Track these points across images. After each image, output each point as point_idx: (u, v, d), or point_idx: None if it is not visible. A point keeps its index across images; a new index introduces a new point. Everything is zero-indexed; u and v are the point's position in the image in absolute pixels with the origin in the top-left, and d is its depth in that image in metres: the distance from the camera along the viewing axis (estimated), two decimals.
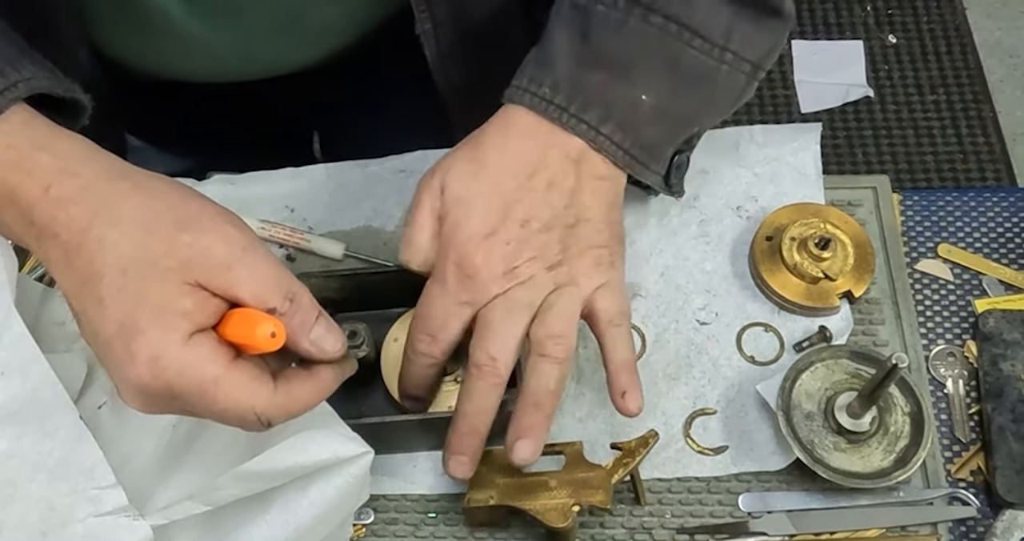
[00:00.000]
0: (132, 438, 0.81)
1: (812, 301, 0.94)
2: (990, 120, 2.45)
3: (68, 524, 0.71)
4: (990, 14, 2.61)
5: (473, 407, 0.79)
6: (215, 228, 0.66)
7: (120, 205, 0.65)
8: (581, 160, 0.81)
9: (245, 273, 0.64)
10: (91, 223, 0.64)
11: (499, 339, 0.78)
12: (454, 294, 0.79)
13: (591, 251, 0.81)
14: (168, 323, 0.62)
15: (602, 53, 0.81)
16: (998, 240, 1.00)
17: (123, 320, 0.62)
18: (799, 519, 0.87)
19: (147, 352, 0.61)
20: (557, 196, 0.80)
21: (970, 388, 0.93)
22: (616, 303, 0.82)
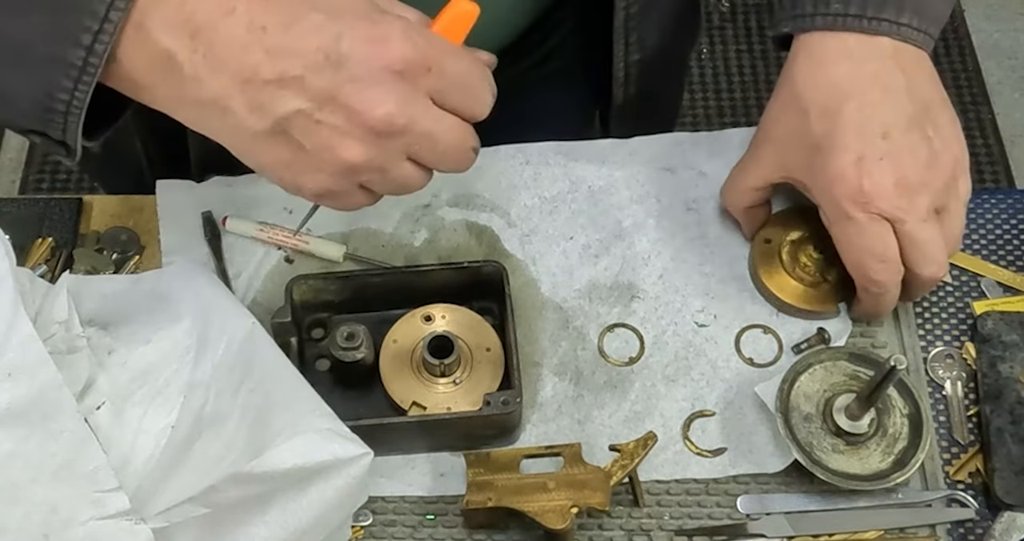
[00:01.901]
0: (130, 440, 0.81)
1: (811, 304, 0.94)
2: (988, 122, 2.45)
3: (70, 527, 0.71)
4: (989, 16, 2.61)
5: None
6: None
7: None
8: (896, 56, 0.84)
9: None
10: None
11: (932, 248, 0.84)
12: (869, 222, 0.83)
13: (953, 133, 0.86)
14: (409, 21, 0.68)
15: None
16: (996, 242, 1.00)
17: (362, 29, 0.65)
18: (797, 521, 0.87)
19: (399, 31, 0.66)
20: (896, 97, 0.84)
21: (968, 390, 0.93)
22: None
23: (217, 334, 0.83)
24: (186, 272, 0.89)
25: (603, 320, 0.95)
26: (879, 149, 0.83)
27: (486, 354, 0.89)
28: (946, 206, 0.86)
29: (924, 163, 0.84)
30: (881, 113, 0.83)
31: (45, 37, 0.65)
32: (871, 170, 0.82)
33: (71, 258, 0.98)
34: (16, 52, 0.66)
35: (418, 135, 0.68)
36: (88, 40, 0.65)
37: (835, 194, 0.84)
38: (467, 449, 0.87)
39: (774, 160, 0.89)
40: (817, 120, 0.85)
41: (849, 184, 0.83)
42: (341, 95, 0.66)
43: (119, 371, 0.84)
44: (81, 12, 0.64)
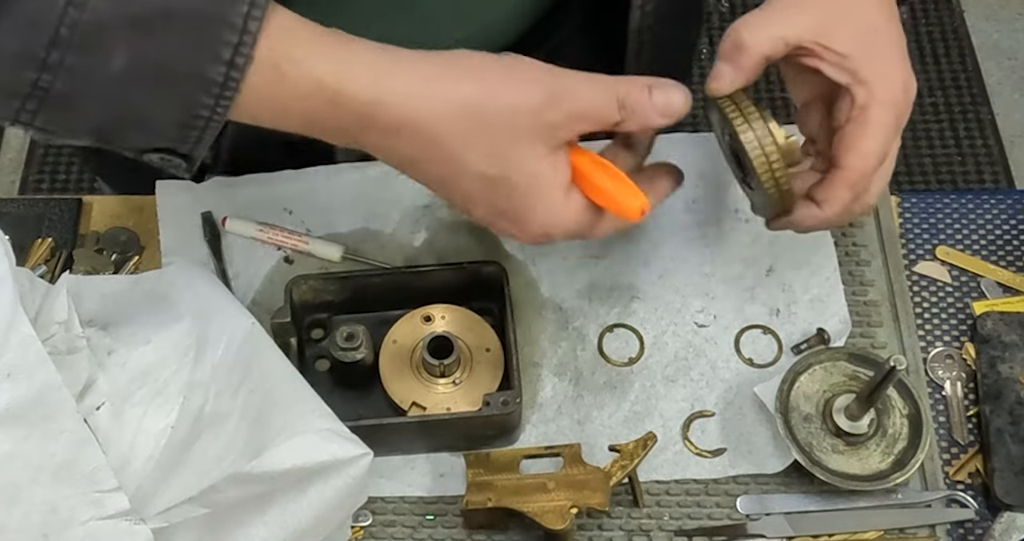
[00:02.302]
0: (130, 440, 0.81)
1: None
2: (988, 122, 2.45)
3: (70, 527, 0.71)
4: (988, 16, 2.61)
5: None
6: (532, 95, 0.70)
7: (446, 120, 0.69)
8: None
9: (576, 119, 0.71)
10: (430, 145, 0.69)
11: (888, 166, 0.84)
12: (896, 133, 0.83)
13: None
14: (548, 197, 0.72)
15: None
16: (996, 242, 1.00)
17: (502, 209, 0.72)
18: (797, 521, 0.87)
19: (540, 222, 0.73)
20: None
21: (968, 390, 0.93)
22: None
23: (217, 334, 0.83)
24: (186, 272, 0.89)
25: (603, 320, 0.95)
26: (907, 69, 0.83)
27: (486, 354, 0.89)
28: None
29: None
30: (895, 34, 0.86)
31: (183, 55, 0.65)
32: (910, 83, 0.82)
33: (71, 258, 0.98)
34: (155, 73, 0.65)
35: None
36: (228, 54, 0.65)
37: (896, 97, 0.81)
38: (467, 449, 0.87)
39: (818, 21, 0.82)
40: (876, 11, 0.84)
41: (908, 93, 0.82)
42: (507, 232, 0.76)
43: (119, 371, 0.84)
44: (220, 25, 0.64)
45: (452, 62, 0.70)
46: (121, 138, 0.70)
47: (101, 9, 0.62)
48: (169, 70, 0.65)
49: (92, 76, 0.64)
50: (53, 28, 0.62)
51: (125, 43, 0.63)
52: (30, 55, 0.63)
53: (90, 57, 0.63)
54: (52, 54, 0.63)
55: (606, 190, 0.73)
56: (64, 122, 0.68)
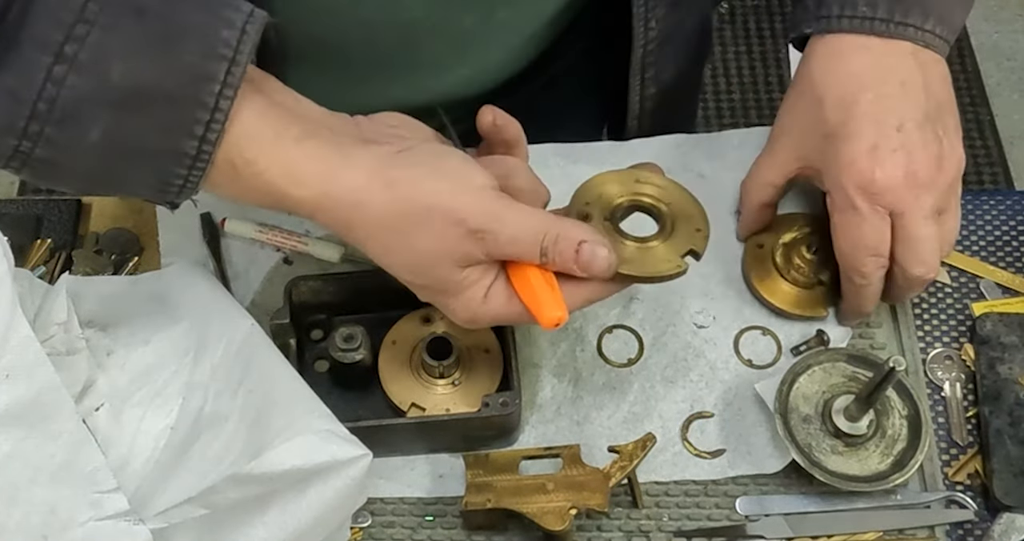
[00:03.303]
0: (129, 441, 0.81)
1: (801, 309, 0.94)
2: (987, 123, 2.45)
3: (69, 528, 0.71)
4: (987, 17, 2.61)
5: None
6: (451, 219, 0.73)
7: (375, 225, 0.73)
8: (915, 56, 0.86)
9: (495, 250, 0.73)
10: (365, 241, 0.74)
11: (926, 247, 0.85)
12: (872, 214, 0.83)
13: (959, 137, 0.87)
14: (469, 299, 0.75)
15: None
16: (995, 243, 1.00)
17: (433, 296, 0.77)
18: (796, 522, 0.87)
19: (463, 316, 0.77)
20: (913, 91, 0.85)
21: (967, 391, 0.93)
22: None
23: (216, 335, 0.83)
24: (185, 273, 0.89)
25: (602, 321, 0.95)
26: (893, 140, 0.83)
27: (485, 355, 0.89)
28: (947, 208, 0.86)
29: (934, 160, 0.84)
30: (898, 105, 0.84)
31: (157, 132, 0.68)
32: (884, 160, 0.83)
33: (70, 259, 0.98)
34: (130, 146, 0.69)
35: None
36: (200, 131, 0.68)
37: (845, 181, 0.84)
38: (466, 450, 0.87)
39: (790, 151, 0.91)
40: (832, 109, 0.86)
41: (861, 172, 0.83)
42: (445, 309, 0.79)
43: (118, 372, 0.84)
44: (193, 105, 0.67)
45: (395, 171, 0.73)
46: (105, 192, 0.77)
47: (78, 87, 0.65)
48: (143, 144, 0.68)
49: (70, 146, 0.67)
50: (32, 102, 0.65)
51: (101, 119, 0.67)
52: (10, 125, 0.66)
53: (67, 129, 0.66)
54: (31, 125, 0.66)
55: (534, 293, 0.75)
56: (48, 179, 0.72)
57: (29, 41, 0.64)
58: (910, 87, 0.85)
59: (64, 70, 0.64)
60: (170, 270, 0.91)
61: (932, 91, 0.86)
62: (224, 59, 0.67)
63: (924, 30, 0.86)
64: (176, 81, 0.67)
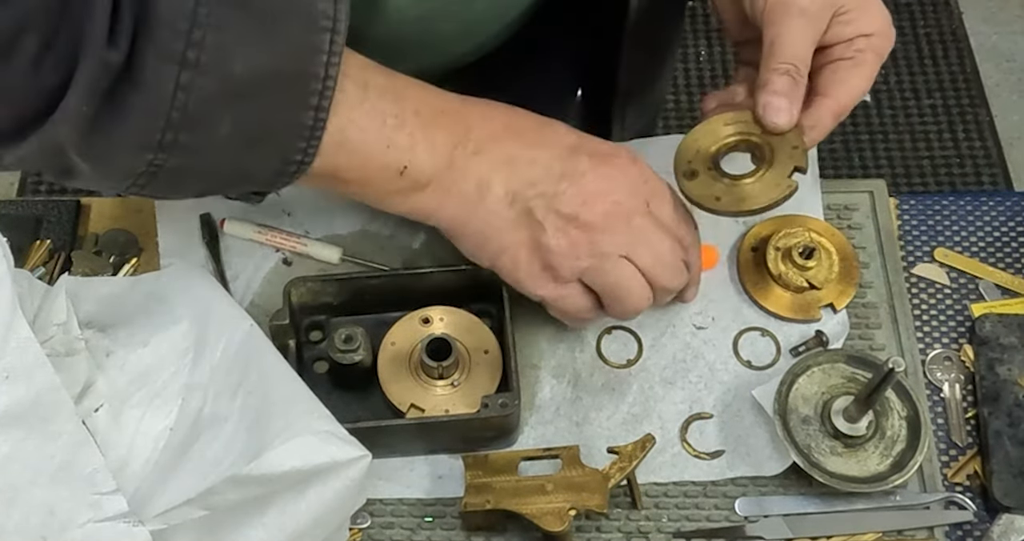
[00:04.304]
0: (128, 442, 0.81)
1: (794, 313, 0.94)
2: (986, 124, 2.46)
3: (68, 529, 0.71)
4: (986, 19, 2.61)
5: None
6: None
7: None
8: None
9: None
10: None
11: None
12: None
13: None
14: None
15: None
16: (995, 244, 1.00)
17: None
18: (795, 523, 0.87)
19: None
20: None
21: (967, 392, 0.93)
22: None
23: (215, 336, 0.83)
24: (184, 274, 0.89)
25: (601, 322, 0.95)
26: None
27: (484, 356, 0.89)
28: None
29: None
30: None
31: (279, 111, 0.71)
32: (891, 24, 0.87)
33: (69, 260, 0.98)
34: (257, 132, 0.71)
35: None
36: (315, 100, 0.71)
37: (881, 46, 0.86)
38: (465, 451, 0.87)
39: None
40: None
41: (888, 42, 0.87)
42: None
43: (117, 373, 0.84)
44: (306, 79, 0.70)
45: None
46: (223, 190, 0.80)
47: (205, 88, 0.67)
48: (268, 127, 0.71)
49: (201, 147, 0.70)
50: (166, 114, 0.66)
51: (229, 113, 0.69)
52: (146, 141, 0.68)
53: (199, 132, 0.69)
54: (166, 136, 0.68)
55: None
56: (171, 189, 0.75)
57: (152, 54, 0.65)
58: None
59: (190, 76, 0.66)
60: (169, 271, 0.91)
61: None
62: (326, 30, 0.69)
63: None
64: (288, 60, 0.69)
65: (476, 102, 0.82)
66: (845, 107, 0.85)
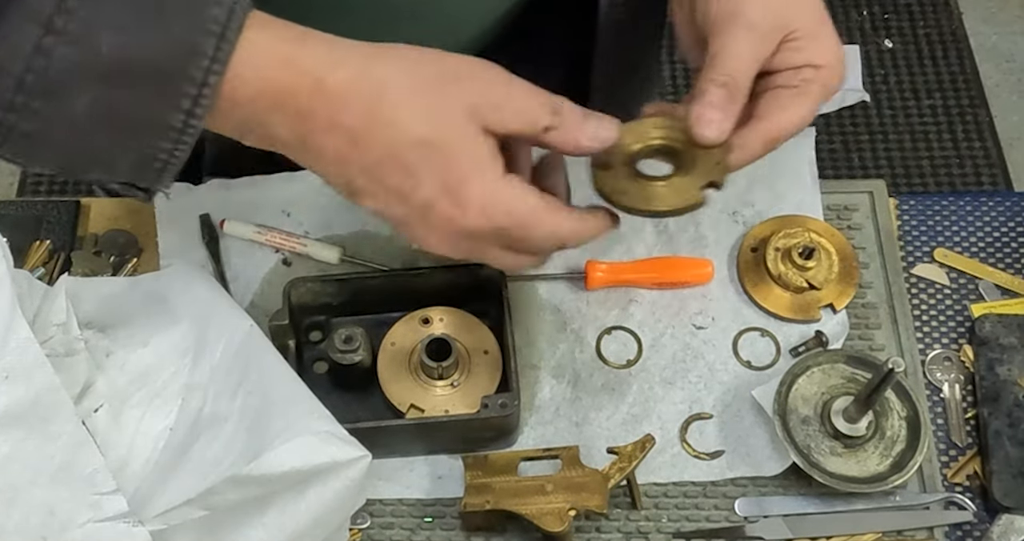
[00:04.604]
0: (128, 442, 0.81)
1: (794, 313, 0.94)
2: (986, 124, 2.46)
3: (68, 529, 0.71)
4: (986, 19, 2.61)
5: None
6: (474, 75, 0.71)
7: (392, 83, 0.70)
8: None
9: (511, 110, 0.70)
10: (375, 107, 0.69)
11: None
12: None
13: None
14: (488, 170, 0.70)
15: None
16: (994, 244, 1.00)
17: (444, 180, 0.70)
18: (795, 523, 0.87)
19: (478, 200, 0.70)
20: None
21: (966, 392, 0.93)
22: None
23: (215, 336, 0.83)
24: (184, 275, 0.89)
25: (601, 323, 0.95)
26: None
27: (484, 357, 0.89)
28: None
29: None
30: None
31: (145, 105, 0.68)
32: (843, 59, 0.83)
33: (69, 260, 0.98)
34: (117, 120, 0.68)
35: (488, 257, 0.75)
36: (188, 105, 0.68)
37: (830, 79, 0.81)
38: (465, 452, 0.87)
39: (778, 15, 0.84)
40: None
41: (837, 78, 0.82)
42: (408, 228, 0.73)
43: (117, 373, 0.84)
44: (181, 79, 0.67)
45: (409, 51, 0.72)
46: (84, 173, 0.74)
47: (67, 58, 0.64)
48: (130, 117, 0.68)
49: (54, 119, 0.67)
50: (19, 74, 0.64)
51: (88, 91, 0.66)
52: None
53: (53, 102, 0.66)
54: (18, 97, 0.65)
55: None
56: (28, 156, 0.71)
57: (17, 12, 0.63)
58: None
59: (53, 41, 0.64)
60: (169, 271, 0.91)
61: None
62: (212, 34, 0.66)
63: None
64: (165, 54, 0.66)
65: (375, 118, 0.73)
66: (779, 135, 0.80)
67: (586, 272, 0.95)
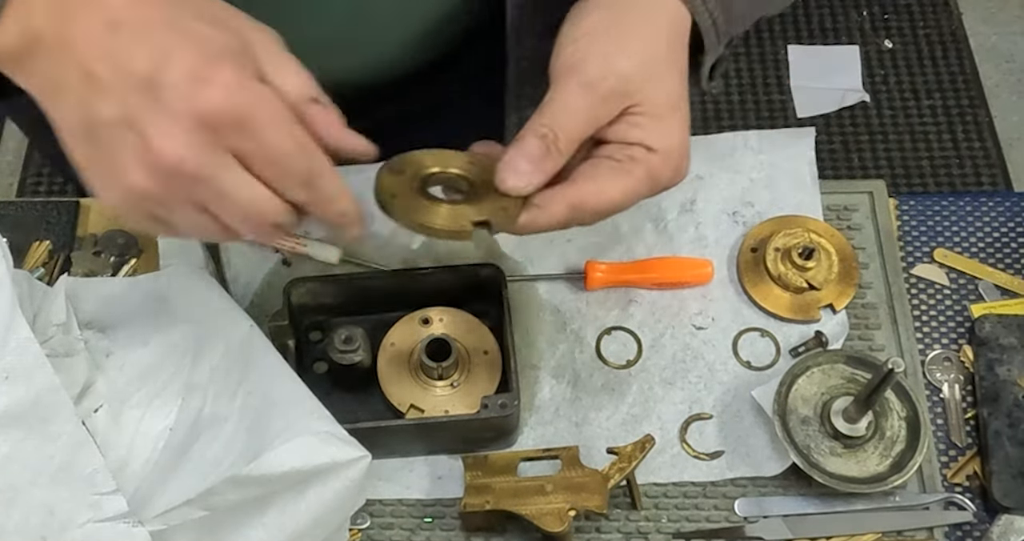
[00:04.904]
0: (128, 442, 0.81)
1: (794, 314, 0.94)
2: (986, 125, 2.46)
3: (68, 529, 0.71)
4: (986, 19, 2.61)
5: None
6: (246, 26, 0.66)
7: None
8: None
9: (295, 64, 0.66)
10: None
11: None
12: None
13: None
14: (243, 63, 0.63)
15: None
16: (994, 244, 1.00)
17: (195, 62, 0.61)
18: (795, 524, 0.87)
19: (230, 77, 0.61)
20: None
21: (966, 393, 0.93)
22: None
23: (215, 337, 0.83)
24: (184, 275, 0.89)
25: (601, 323, 0.95)
26: None
27: (484, 357, 0.89)
28: None
29: None
30: None
31: None
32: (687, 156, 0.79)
33: (69, 261, 0.98)
34: None
35: (209, 190, 0.64)
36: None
37: (661, 170, 0.76)
38: (465, 452, 0.87)
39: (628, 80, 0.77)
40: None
41: (672, 172, 0.78)
42: (143, 120, 0.62)
43: (117, 374, 0.84)
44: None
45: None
46: None
47: None
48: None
49: None
50: None
51: None
52: None
53: None
54: None
55: None
56: None
57: None
58: None
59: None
60: (169, 271, 0.91)
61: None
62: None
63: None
64: None
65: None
66: (583, 205, 0.74)
67: (586, 272, 0.95)
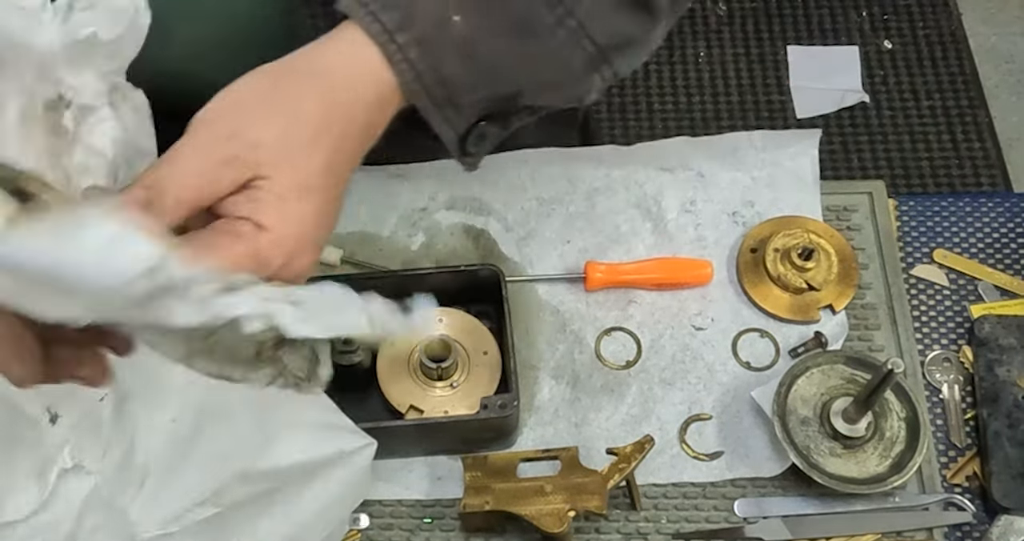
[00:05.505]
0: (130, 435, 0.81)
1: (793, 314, 0.94)
2: (985, 125, 2.45)
3: None
4: (986, 20, 2.61)
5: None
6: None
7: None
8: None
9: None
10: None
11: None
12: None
13: None
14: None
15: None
16: (994, 245, 1.00)
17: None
18: (795, 524, 0.87)
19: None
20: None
21: (966, 393, 0.93)
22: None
23: None
24: None
25: (600, 324, 0.95)
26: None
27: (483, 358, 0.89)
28: None
29: None
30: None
31: None
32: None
33: None
34: None
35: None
36: None
37: (268, 252, 0.69)
38: (464, 453, 0.87)
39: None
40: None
41: (283, 258, 0.72)
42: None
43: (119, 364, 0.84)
44: None
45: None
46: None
47: None
48: None
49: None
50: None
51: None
52: None
53: None
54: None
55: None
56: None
57: None
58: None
59: None
60: None
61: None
62: None
63: (393, 40, 0.68)
64: None
65: None
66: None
67: (585, 273, 0.95)
